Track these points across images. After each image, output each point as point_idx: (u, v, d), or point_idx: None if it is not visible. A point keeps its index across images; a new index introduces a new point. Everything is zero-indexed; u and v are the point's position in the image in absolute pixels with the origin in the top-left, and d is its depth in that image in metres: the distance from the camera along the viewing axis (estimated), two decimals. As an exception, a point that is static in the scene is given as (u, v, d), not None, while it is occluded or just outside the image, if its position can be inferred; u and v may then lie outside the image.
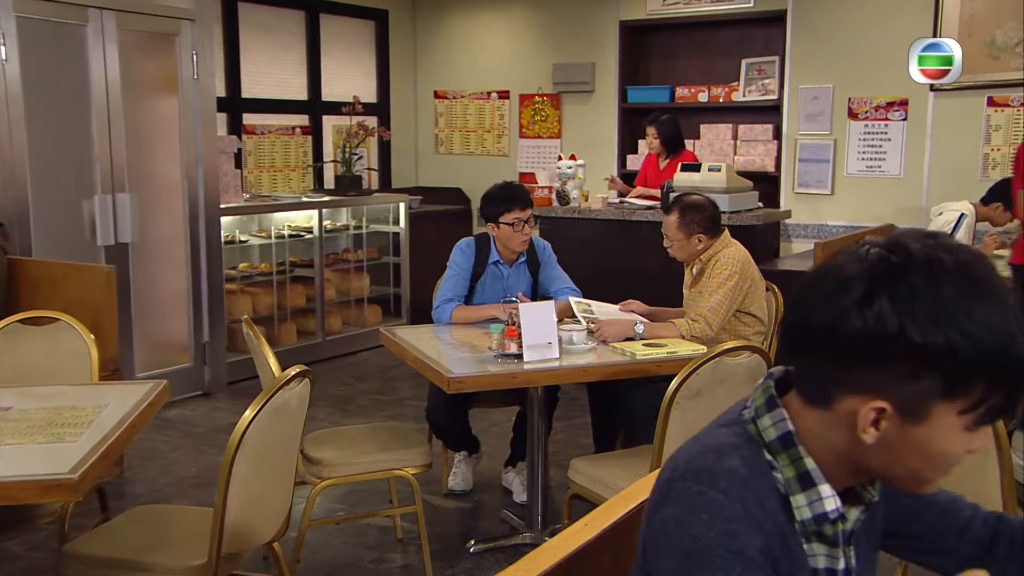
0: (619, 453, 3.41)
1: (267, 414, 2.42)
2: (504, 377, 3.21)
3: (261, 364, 3.23)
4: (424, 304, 7.55)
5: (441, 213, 7.93)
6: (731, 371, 2.85)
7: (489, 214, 3.95)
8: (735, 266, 3.66)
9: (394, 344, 3.71)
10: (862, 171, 6.56)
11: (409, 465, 3.36)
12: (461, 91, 8.21)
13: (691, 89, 7.08)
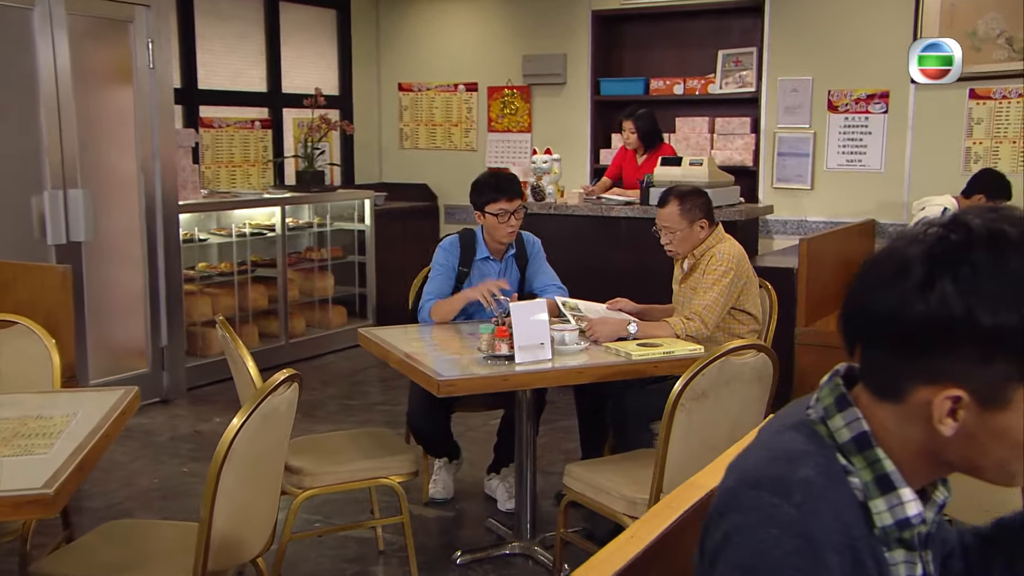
0: (614, 458, 3.36)
1: (256, 421, 2.33)
2: (496, 380, 3.14)
3: (238, 368, 3.12)
4: (391, 305, 7.56)
5: (407, 210, 7.84)
6: (737, 371, 2.81)
7: (476, 203, 3.90)
8: (730, 262, 3.63)
9: (375, 346, 3.62)
10: (842, 165, 6.58)
11: (395, 473, 3.28)
12: (427, 83, 8.12)
13: (666, 81, 7.06)
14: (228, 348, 3.14)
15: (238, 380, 3.18)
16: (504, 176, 3.95)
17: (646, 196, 5.63)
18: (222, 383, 6.17)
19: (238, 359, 3.06)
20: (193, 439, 5.18)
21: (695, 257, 3.74)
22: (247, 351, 3.06)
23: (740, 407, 2.86)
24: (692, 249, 3.75)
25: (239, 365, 3.08)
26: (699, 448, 2.82)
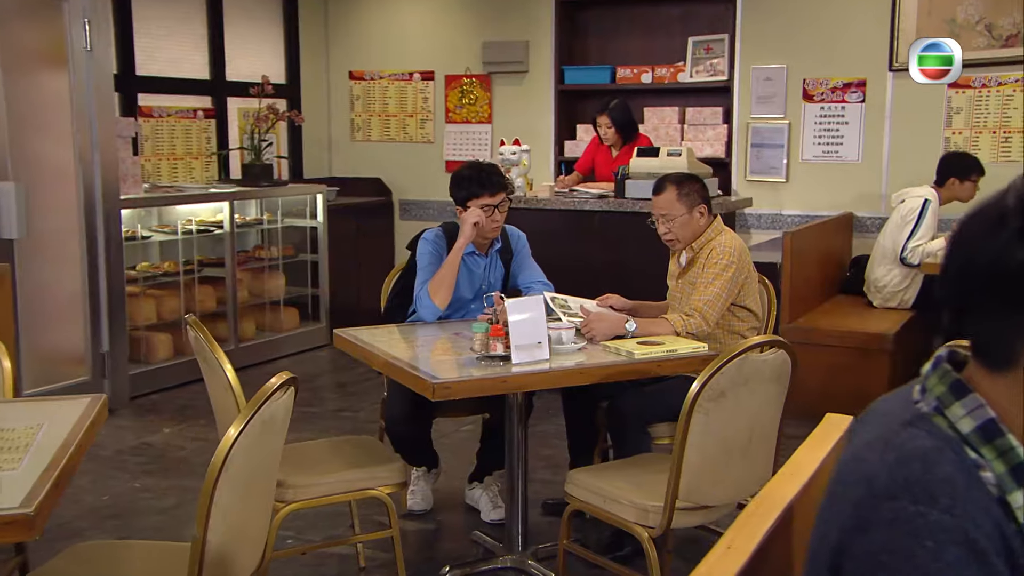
0: (617, 464, 3.29)
1: (254, 430, 2.21)
2: (494, 382, 3.05)
3: (213, 372, 2.99)
4: (346, 306, 7.46)
5: (361, 206, 7.71)
6: (756, 369, 2.76)
7: (457, 197, 3.82)
8: (732, 255, 3.59)
9: (354, 347, 3.51)
10: (818, 156, 6.62)
11: (384, 483, 3.18)
12: (379, 72, 8.00)
13: (634, 70, 7.03)
14: (202, 351, 3.00)
15: (213, 385, 3.05)
16: (486, 168, 3.88)
17: (621, 188, 5.59)
18: (169, 391, 5.99)
19: (214, 362, 2.94)
20: (142, 451, 5.00)
21: (693, 250, 3.69)
22: (224, 354, 2.93)
23: (758, 407, 2.82)
24: (694, 237, 3.70)
25: (214, 369, 2.96)
26: (716, 451, 2.77)
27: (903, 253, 5.59)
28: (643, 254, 5.50)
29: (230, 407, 2.95)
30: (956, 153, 5.88)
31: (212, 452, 2.16)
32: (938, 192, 5.70)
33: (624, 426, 3.54)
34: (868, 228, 6.51)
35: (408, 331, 3.73)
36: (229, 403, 2.94)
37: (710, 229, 3.70)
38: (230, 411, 2.95)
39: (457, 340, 3.53)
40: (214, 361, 2.93)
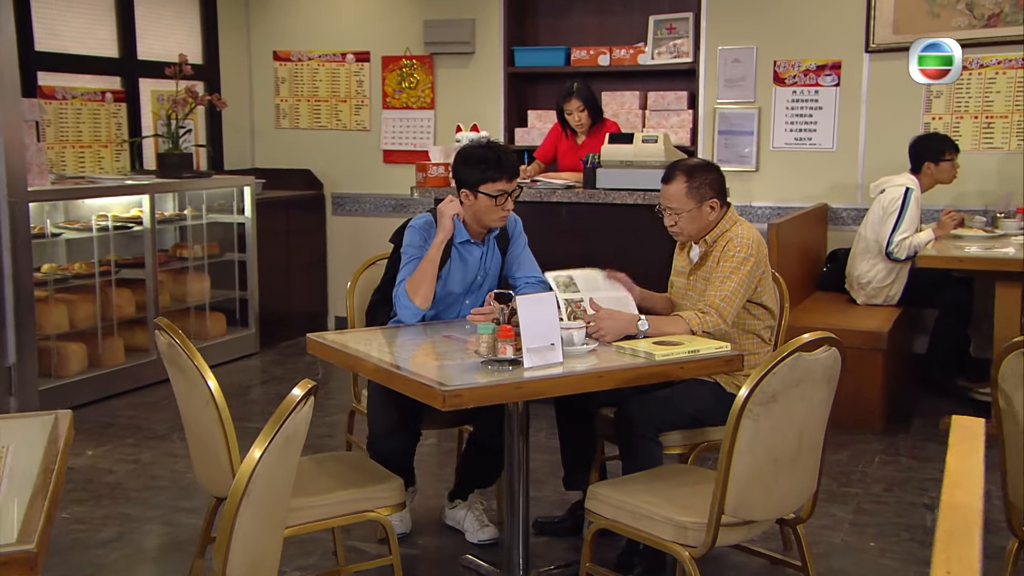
0: (638, 477, 3.19)
1: (277, 448, 2.05)
2: (507, 388, 2.94)
3: (190, 384, 2.82)
4: (277, 310, 7.27)
5: (291, 200, 7.53)
6: (809, 369, 2.70)
7: (467, 180, 3.67)
8: (750, 248, 3.53)
9: (338, 354, 3.36)
10: (790, 144, 6.65)
11: (383, 504, 3.05)
12: (308, 52, 7.80)
13: (590, 51, 6.97)
14: (176, 359, 2.82)
15: (189, 398, 2.87)
16: (503, 149, 3.75)
17: (591, 178, 5.51)
18: (85, 408, 5.72)
19: (192, 373, 2.76)
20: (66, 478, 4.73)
21: (707, 244, 3.63)
22: (205, 362, 2.76)
23: (808, 411, 2.75)
24: (702, 233, 3.63)
25: (192, 380, 2.78)
26: (764, 461, 2.70)
27: (888, 247, 5.63)
28: (617, 249, 5.46)
29: (210, 422, 2.79)
30: (923, 136, 5.95)
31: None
32: (918, 179, 5.76)
33: (634, 435, 3.45)
34: (844, 220, 6.56)
35: (392, 334, 3.59)
36: (209, 418, 2.79)
37: (725, 220, 3.64)
38: (210, 427, 2.79)
39: (451, 344, 3.40)
40: (193, 371, 2.77)
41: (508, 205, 3.72)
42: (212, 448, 2.81)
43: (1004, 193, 6.11)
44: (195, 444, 2.99)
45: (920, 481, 4.52)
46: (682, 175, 3.63)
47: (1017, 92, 6.16)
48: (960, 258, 5.16)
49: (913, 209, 5.66)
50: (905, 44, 6.29)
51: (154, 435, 5.30)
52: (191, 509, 4.29)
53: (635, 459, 3.45)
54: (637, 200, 5.31)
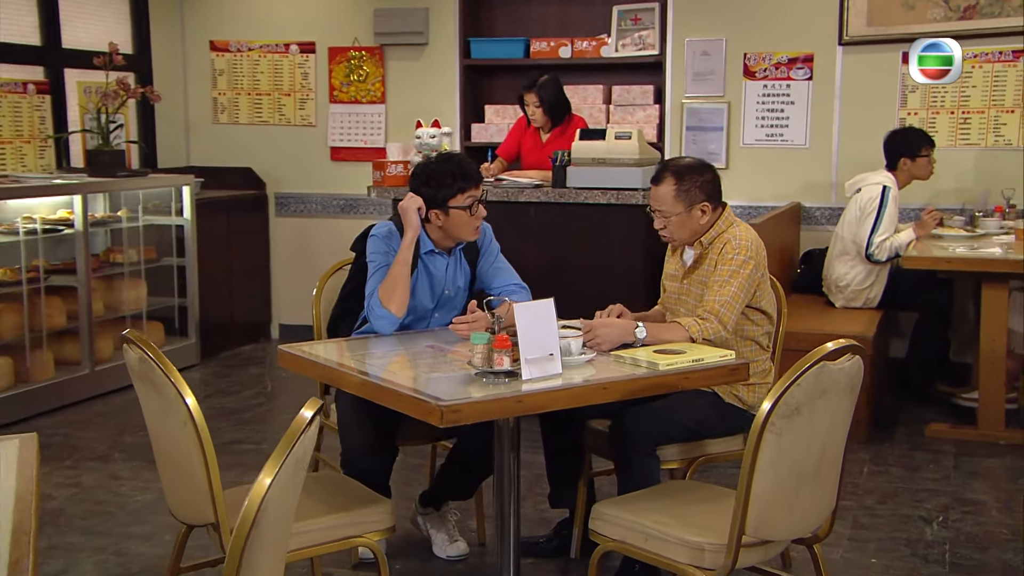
0: (644, 495, 3.13)
1: (287, 473, 1.96)
2: (508, 403, 2.87)
3: (165, 401, 2.70)
4: (218, 319, 7.15)
5: (232, 201, 7.39)
6: (833, 379, 2.66)
7: (434, 198, 3.65)
8: (748, 250, 3.51)
9: (315, 367, 3.27)
10: (761, 140, 6.67)
11: (373, 530, 2.96)
12: (248, 42, 7.66)
13: (550, 43, 6.93)
14: (148, 375, 2.72)
15: (162, 418, 2.76)
16: (459, 158, 3.77)
17: (561, 177, 5.45)
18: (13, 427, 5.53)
19: (168, 390, 2.66)
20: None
21: (703, 246, 3.60)
22: (182, 379, 2.65)
23: (830, 423, 2.72)
24: (694, 237, 3.61)
25: (167, 397, 2.68)
26: (786, 477, 2.66)
27: (868, 249, 5.65)
28: (590, 253, 5.44)
29: (187, 444, 2.69)
30: (898, 131, 5.99)
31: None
32: (894, 176, 5.80)
33: (631, 449, 3.40)
34: (818, 220, 6.60)
35: (370, 345, 3.51)
36: (187, 439, 2.68)
37: (721, 221, 3.62)
38: (188, 449, 2.69)
39: (434, 355, 3.33)
40: (169, 388, 2.66)
41: (480, 212, 3.72)
42: (189, 472, 2.70)
43: (982, 191, 6.18)
44: (169, 468, 2.87)
45: (913, 492, 4.53)
46: (671, 177, 3.59)
47: (994, 87, 6.24)
48: (947, 259, 5.21)
49: (892, 208, 5.70)
50: (880, 37, 6.39)
51: (93, 455, 5.13)
52: (143, 536, 4.16)
53: (632, 475, 3.40)
54: (610, 200, 5.27)
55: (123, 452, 5.19)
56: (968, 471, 4.82)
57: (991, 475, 4.79)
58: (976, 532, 4.10)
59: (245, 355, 7.23)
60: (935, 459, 4.95)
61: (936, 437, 5.24)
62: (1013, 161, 6.23)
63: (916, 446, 5.16)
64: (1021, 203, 6.15)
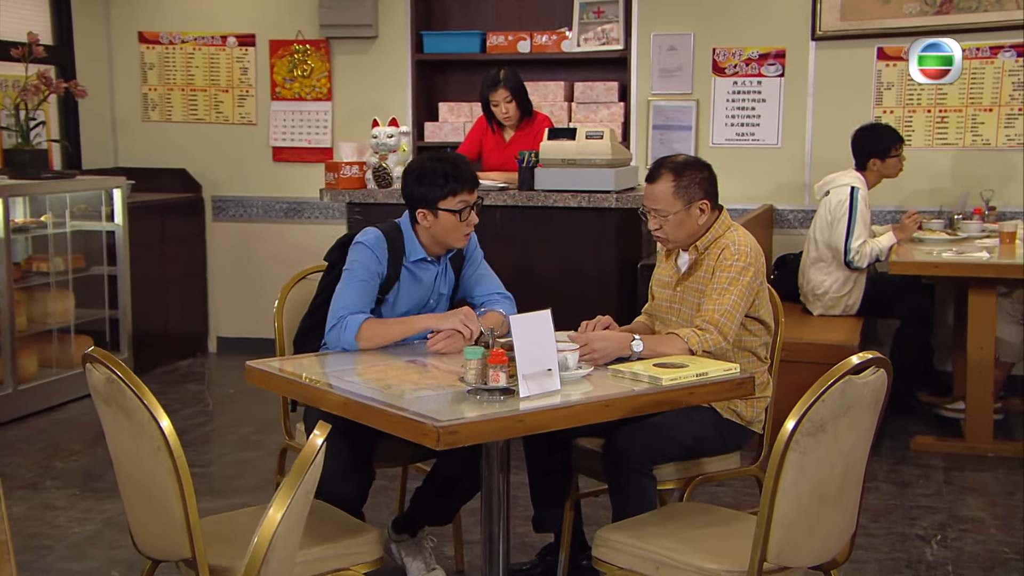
0: (649, 519, 3.09)
1: (298, 505, 1.88)
2: (507, 422, 2.81)
3: (135, 426, 2.60)
4: (152, 332, 7.03)
5: (166, 205, 7.29)
6: (859, 394, 2.64)
7: (424, 197, 3.58)
8: (748, 256, 3.49)
9: (290, 386, 3.18)
10: (731, 140, 6.70)
11: (361, 561, 2.89)
12: (181, 34, 7.53)
13: (507, 37, 6.90)
14: (116, 397, 2.62)
15: (131, 444, 2.65)
16: (459, 158, 3.70)
17: (528, 179, 5.40)
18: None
19: (139, 413, 2.56)
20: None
21: (698, 251, 3.57)
22: (156, 401, 2.55)
23: (854, 441, 2.69)
24: (691, 238, 3.57)
25: (138, 421, 2.58)
26: (809, 499, 2.63)
27: (847, 256, 5.66)
28: (559, 258, 5.42)
29: (161, 473, 2.59)
30: (866, 128, 6.00)
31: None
32: (863, 176, 5.82)
33: (627, 469, 3.35)
34: (791, 223, 6.63)
35: (345, 361, 3.42)
36: (160, 467, 2.59)
37: (717, 224, 3.59)
38: (161, 478, 2.60)
39: (418, 371, 3.26)
40: (141, 412, 2.56)
41: (472, 219, 3.66)
42: (162, 503, 2.59)
43: (960, 192, 6.25)
44: (137, 499, 2.76)
45: (906, 509, 4.55)
46: (669, 173, 3.56)
47: (972, 84, 6.32)
48: (934, 264, 5.24)
49: (862, 209, 5.71)
50: (854, 31, 6.45)
51: (22, 483, 4.97)
52: (86, 572, 4.04)
53: (627, 496, 3.36)
54: (581, 203, 5.24)
55: (55, 479, 5.02)
56: (960, 486, 4.85)
57: (984, 490, 4.82)
58: (977, 552, 4.12)
59: (182, 371, 7.08)
60: (924, 474, 4.98)
61: (923, 451, 5.27)
62: (991, 162, 6.33)
63: (903, 460, 5.18)
64: (1000, 205, 6.23)
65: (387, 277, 3.65)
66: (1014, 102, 6.26)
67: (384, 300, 3.65)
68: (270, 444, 5.31)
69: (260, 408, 5.91)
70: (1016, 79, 6.25)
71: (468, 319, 3.49)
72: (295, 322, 3.94)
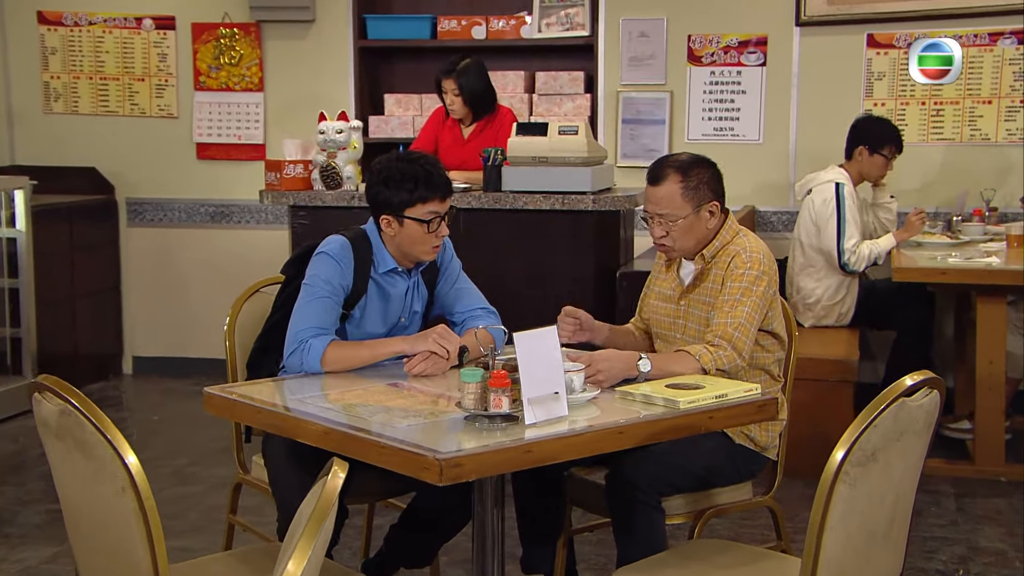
0: (666, 558, 3.03)
1: (317, 555, 1.80)
2: (516, 453, 2.74)
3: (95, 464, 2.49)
4: (58, 352, 6.93)
5: (74, 208, 7.19)
6: (912, 418, 2.61)
7: (389, 202, 3.52)
8: (761, 263, 3.47)
9: (258, 415, 3.08)
10: (709, 135, 6.71)
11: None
12: (88, 14, 7.43)
13: (460, 21, 6.89)
14: (72, 431, 2.51)
15: (89, 484, 2.55)
16: (431, 161, 3.63)
17: (495, 178, 5.38)
18: None
19: (102, 450, 2.47)
20: None
21: (705, 260, 3.54)
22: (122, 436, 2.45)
23: (905, 470, 2.66)
24: (699, 246, 3.55)
25: (99, 459, 2.49)
26: (859, 535, 2.59)
27: (842, 259, 5.66)
28: (529, 266, 5.40)
29: (124, 516, 2.50)
30: (870, 118, 6.05)
31: None
32: (848, 172, 5.83)
33: (634, 502, 3.30)
34: (774, 225, 6.65)
35: (314, 386, 3.33)
36: (124, 510, 2.49)
37: (724, 230, 3.58)
38: (125, 522, 2.51)
39: (402, 395, 3.18)
40: (102, 448, 2.46)
41: (442, 231, 3.60)
42: (125, 551, 2.49)
43: (959, 192, 6.29)
44: (92, 546, 2.64)
45: (922, 540, 4.54)
46: (676, 173, 3.54)
47: (969, 74, 6.37)
48: (941, 270, 5.25)
49: (851, 207, 5.72)
50: (842, 16, 6.49)
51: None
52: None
53: (633, 532, 3.32)
54: (554, 205, 5.23)
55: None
56: (975, 514, 4.87)
57: (1001, 519, 4.83)
58: (1006, 588, 4.14)
59: (94, 396, 6.89)
60: (935, 501, 4.99)
61: (931, 474, 5.27)
62: (990, 158, 6.39)
63: (909, 486, 5.19)
64: (1002, 205, 6.29)
65: (353, 290, 3.58)
66: (1015, 93, 6.32)
67: (350, 316, 3.57)
68: (209, 478, 5.19)
69: (193, 437, 5.80)
70: (1017, 68, 6.32)
71: (443, 338, 3.42)
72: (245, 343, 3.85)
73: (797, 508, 4.32)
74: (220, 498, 4.95)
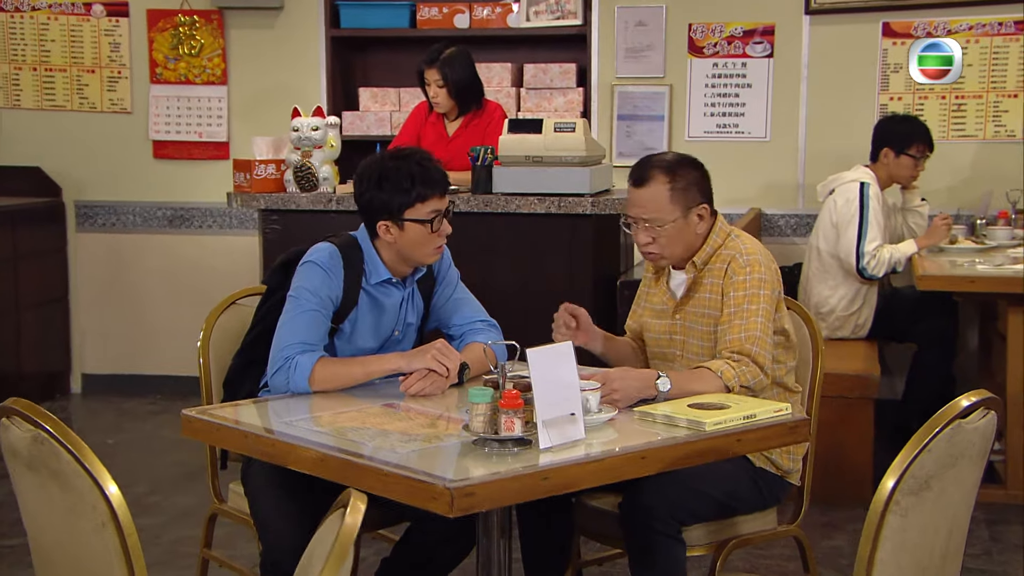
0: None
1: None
2: (532, 480, 2.73)
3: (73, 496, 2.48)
4: (2, 372, 6.87)
5: (17, 212, 7.16)
6: (968, 442, 2.61)
7: (386, 206, 3.50)
8: (760, 266, 3.50)
9: (243, 440, 3.06)
10: (711, 132, 6.73)
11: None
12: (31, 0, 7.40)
13: (442, 9, 6.92)
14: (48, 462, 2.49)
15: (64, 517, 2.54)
16: (425, 156, 3.61)
17: (484, 180, 5.37)
18: None
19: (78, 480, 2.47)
20: None
21: (696, 268, 3.57)
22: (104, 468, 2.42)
23: (959, 498, 2.66)
24: (688, 253, 3.58)
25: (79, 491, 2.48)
26: (910, 571, 2.58)
27: (860, 262, 5.67)
28: (522, 274, 5.42)
29: (103, 553, 2.50)
30: (894, 118, 6.08)
31: None
32: (874, 172, 5.85)
33: (653, 532, 3.30)
34: (782, 230, 6.65)
35: (303, 408, 3.31)
36: (103, 547, 2.48)
37: (715, 233, 3.60)
38: (103, 559, 2.51)
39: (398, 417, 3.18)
40: (80, 479, 2.45)
41: (445, 229, 3.60)
42: (104, 592, 2.45)
43: (983, 193, 6.30)
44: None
45: (954, 573, 4.54)
46: (662, 174, 3.54)
47: (994, 65, 6.40)
48: (969, 278, 5.26)
49: (875, 208, 5.73)
50: (855, 4, 6.52)
51: None
52: None
53: (652, 565, 3.33)
54: (550, 208, 5.23)
55: None
56: (1010, 543, 4.86)
57: (1038, 549, 4.85)
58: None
59: (41, 417, 6.85)
60: (965, 528, 4.98)
61: (958, 500, 5.28)
62: (1016, 156, 6.40)
63: (934, 511, 5.19)
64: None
65: (343, 301, 3.57)
66: (1043, 86, 6.37)
67: (339, 330, 3.57)
68: (171, 508, 5.14)
69: (151, 462, 5.75)
70: (1044, 59, 6.37)
71: (442, 354, 3.41)
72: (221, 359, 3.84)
73: (816, 536, 4.31)
74: (185, 529, 4.93)
